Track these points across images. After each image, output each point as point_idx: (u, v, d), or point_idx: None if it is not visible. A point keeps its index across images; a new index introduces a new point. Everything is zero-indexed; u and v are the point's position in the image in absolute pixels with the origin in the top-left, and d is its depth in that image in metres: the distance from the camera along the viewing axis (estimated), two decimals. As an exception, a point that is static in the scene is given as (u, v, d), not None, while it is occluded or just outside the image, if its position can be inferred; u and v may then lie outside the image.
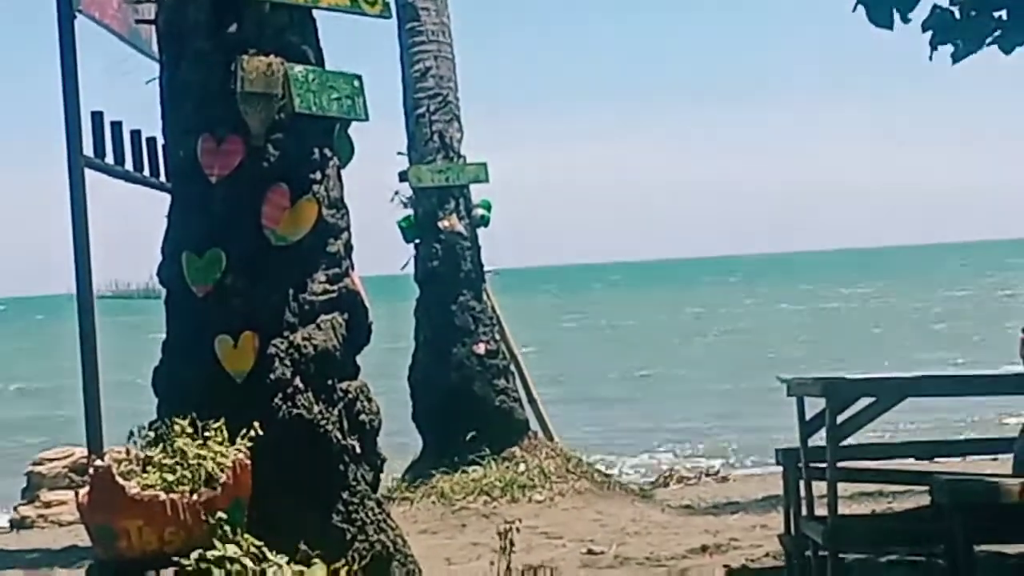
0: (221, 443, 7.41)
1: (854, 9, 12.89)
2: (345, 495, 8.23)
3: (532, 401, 18.37)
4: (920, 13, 13.16)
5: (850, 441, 9.37)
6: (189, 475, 7.23)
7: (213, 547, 7.06)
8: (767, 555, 11.47)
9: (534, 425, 18.01)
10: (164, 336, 8.38)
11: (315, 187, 8.32)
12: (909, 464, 11.06)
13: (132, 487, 7.13)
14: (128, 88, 9.63)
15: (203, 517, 7.12)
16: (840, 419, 9.02)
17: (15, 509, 19.62)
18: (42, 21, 9.39)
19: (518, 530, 9.48)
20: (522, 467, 16.60)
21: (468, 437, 16.71)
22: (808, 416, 9.49)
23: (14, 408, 37.79)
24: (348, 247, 8.58)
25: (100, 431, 9.34)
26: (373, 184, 16.69)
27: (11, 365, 58.01)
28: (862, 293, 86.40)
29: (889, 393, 9.26)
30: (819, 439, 9.30)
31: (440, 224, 17.35)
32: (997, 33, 13.10)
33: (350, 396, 8.37)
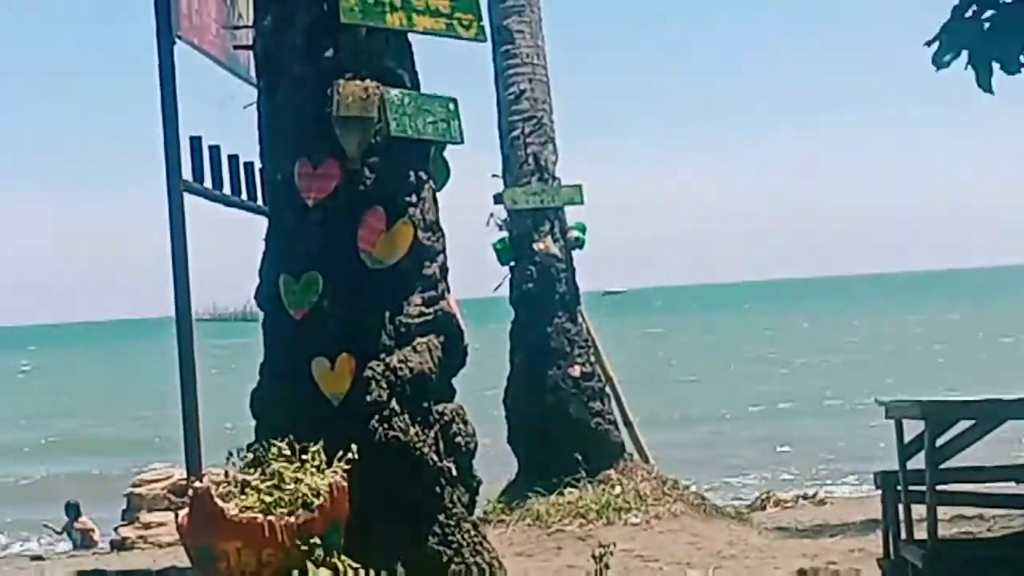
0: (318, 465, 7.44)
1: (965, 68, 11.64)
2: (441, 517, 8.24)
3: (628, 423, 18.29)
4: None
5: (950, 464, 9.27)
6: (286, 498, 7.27)
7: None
8: (866, 579, 11.34)
9: (630, 447, 17.94)
10: (262, 358, 8.44)
11: (411, 210, 8.36)
12: (1009, 488, 10.91)
13: (231, 509, 7.18)
14: (227, 112, 9.74)
15: (300, 539, 7.16)
16: (939, 442, 8.93)
17: (116, 530, 19.86)
18: (143, 47, 9.50)
19: (612, 553, 9.44)
20: (617, 489, 16.53)
21: (564, 459, 16.66)
22: (907, 439, 9.40)
23: (114, 430, 38.15)
24: (444, 269, 8.60)
25: (199, 453, 9.42)
26: (468, 206, 16.72)
27: (111, 387, 58.65)
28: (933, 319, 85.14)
29: (988, 416, 9.15)
30: (919, 462, 9.21)
31: (535, 246, 17.33)
32: None
33: (446, 418, 8.38)
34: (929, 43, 10.86)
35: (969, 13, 10.94)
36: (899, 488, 9.56)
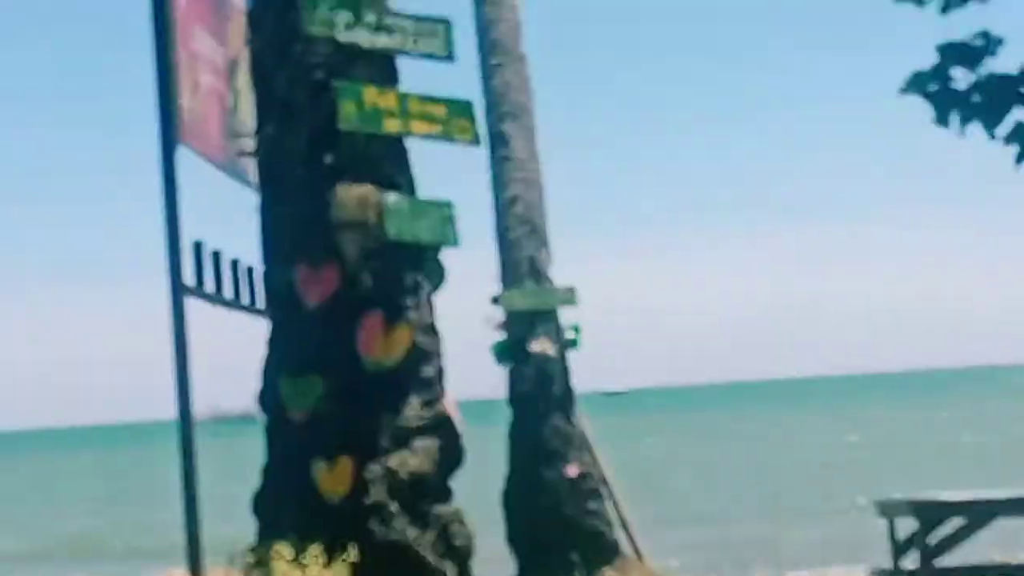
0: (319, 567, 7.50)
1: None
2: (440, 618, 8.28)
3: (624, 523, 18.30)
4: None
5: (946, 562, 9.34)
6: (288, 599, 7.33)
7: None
8: None
9: (626, 547, 17.93)
10: (263, 460, 8.52)
11: (409, 313, 8.48)
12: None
13: (233, 610, 7.24)
14: (228, 217, 9.85)
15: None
16: (932, 540, 9.01)
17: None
18: (146, 151, 9.62)
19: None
20: (614, 588, 16.53)
21: (561, 558, 16.67)
22: (900, 537, 9.48)
23: (114, 532, 37.97)
24: (441, 372, 8.70)
25: (200, 555, 9.44)
26: (465, 308, 16.85)
27: (110, 489, 58.45)
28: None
29: (980, 513, 9.23)
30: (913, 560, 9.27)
31: (531, 347, 17.44)
32: None
33: (445, 519, 8.45)
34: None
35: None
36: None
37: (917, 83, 8.62)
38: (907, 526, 9.28)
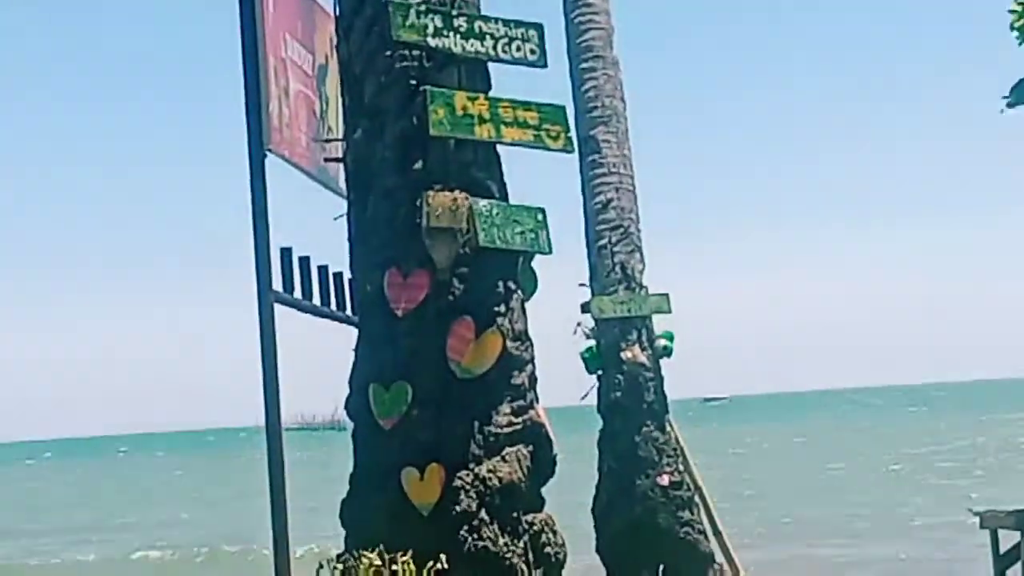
0: (408, 576, 7.43)
1: None
2: (531, 628, 8.19)
3: (717, 533, 18.14)
4: None
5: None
6: (377, 609, 7.27)
7: None
8: None
9: (720, 557, 17.78)
10: (351, 468, 8.46)
11: (499, 320, 8.39)
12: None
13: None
14: (316, 223, 9.83)
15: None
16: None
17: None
18: (234, 160, 9.62)
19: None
20: (708, 599, 16.40)
21: (653, 569, 16.54)
22: (1003, 549, 9.27)
23: (198, 540, 38.20)
24: (532, 379, 8.60)
25: (288, 564, 9.41)
26: (556, 315, 16.77)
27: (200, 494, 58.89)
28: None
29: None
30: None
31: (623, 355, 17.34)
32: None
33: (535, 528, 8.35)
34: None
35: None
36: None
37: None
38: (1012, 538, 9.07)
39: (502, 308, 8.44)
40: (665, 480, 17.15)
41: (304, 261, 10.09)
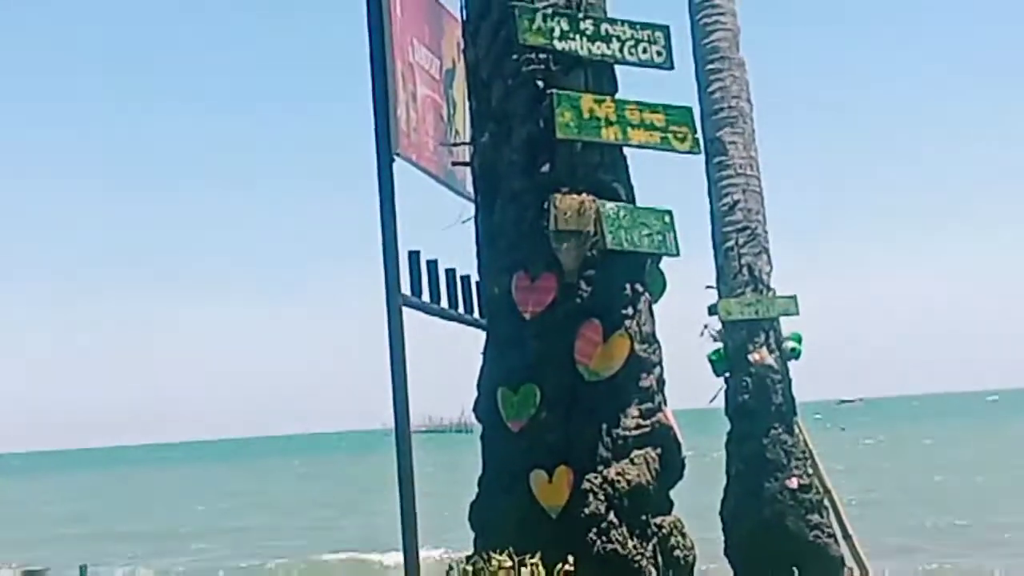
0: (538, 578, 7.45)
1: None
2: (660, 631, 8.17)
3: (847, 537, 17.98)
4: None
5: None
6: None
7: None
8: None
9: (850, 562, 17.63)
10: (480, 471, 8.49)
11: (627, 322, 8.38)
12: None
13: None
14: (444, 227, 9.88)
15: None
16: None
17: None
18: (364, 165, 9.69)
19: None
20: (838, 604, 16.28)
21: (782, 572, 16.44)
22: None
23: (328, 544, 38.42)
24: (660, 381, 8.58)
25: (418, 566, 9.46)
26: (683, 317, 16.71)
27: (324, 497, 59.34)
28: None
29: None
30: None
31: (750, 357, 17.25)
32: None
33: (664, 531, 8.33)
34: None
35: None
36: None
37: None
38: None
39: (630, 311, 8.43)
40: (794, 483, 17.04)
41: (432, 264, 10.14)
